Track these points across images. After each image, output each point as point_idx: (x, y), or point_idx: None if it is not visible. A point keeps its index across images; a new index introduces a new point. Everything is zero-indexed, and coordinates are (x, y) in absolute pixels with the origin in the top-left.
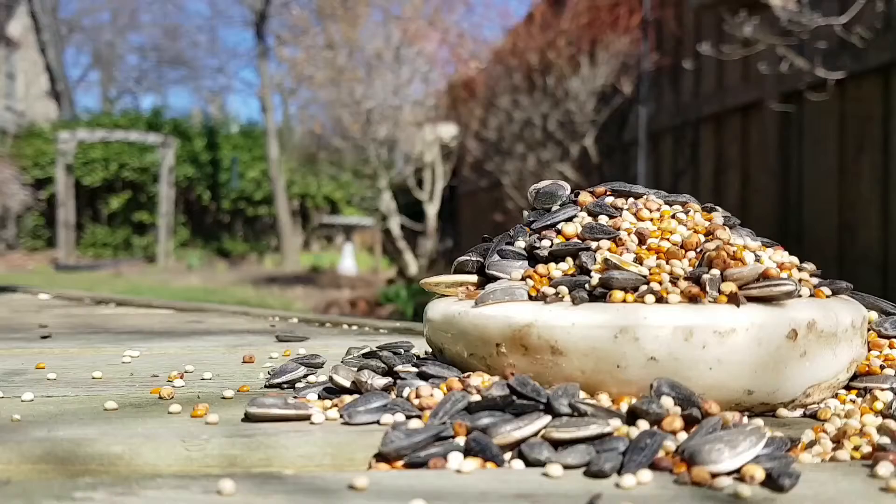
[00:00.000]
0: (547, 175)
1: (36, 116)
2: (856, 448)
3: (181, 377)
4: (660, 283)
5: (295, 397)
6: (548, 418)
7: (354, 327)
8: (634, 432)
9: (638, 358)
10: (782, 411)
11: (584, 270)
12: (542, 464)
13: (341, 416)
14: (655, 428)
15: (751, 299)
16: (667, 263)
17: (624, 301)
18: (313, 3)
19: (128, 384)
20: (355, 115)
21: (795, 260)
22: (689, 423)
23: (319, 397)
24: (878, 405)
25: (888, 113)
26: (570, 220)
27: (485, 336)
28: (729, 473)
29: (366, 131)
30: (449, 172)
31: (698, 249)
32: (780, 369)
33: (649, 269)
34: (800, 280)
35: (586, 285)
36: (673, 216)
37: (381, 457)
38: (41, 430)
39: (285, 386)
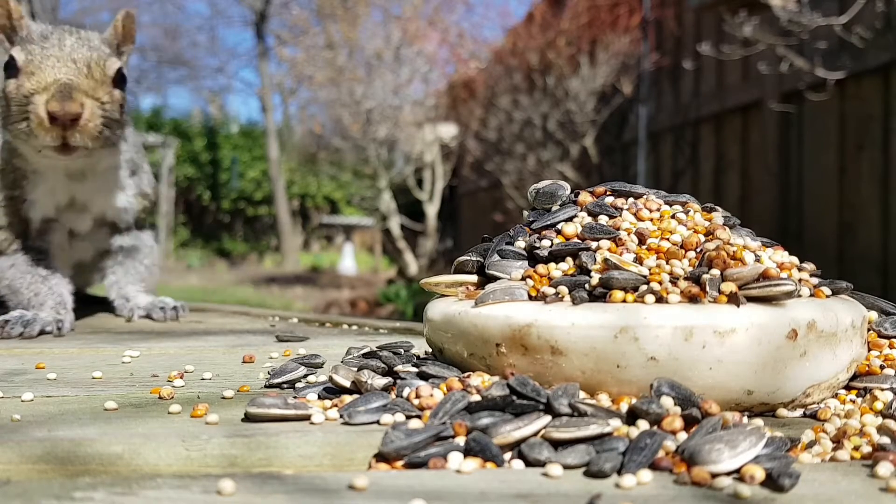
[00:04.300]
0: (547, 175)
1: None
2: (856, 448)
3: (181, 377)
4: (660, 283)
5: (295, 397)
6: (548, 418)
7: (354, 327)
8: (634, 432)
9: (638, 358)
10: (782, 411)
11: (584, 270)
12: (542, 464)
13: (341, 416)
14: (655, 428)
15: (751, 299)
16: (667, 263)
17: (624, 301)
18: (313, 3)
19: (128, 384)
20: (355, 115)
21: (795, 260)
22: (689, 423)
23: (319, 397)
24: (878, 405)
25: (888, 112)
26: (570, 220)
27: (485, 336)
28: (729, 473)
29: (366, 131)
30: (449, 172)
31: (698, 249)
32: (780, 369)
33: (649, 269)
34: (800, 280)
35: (586, 285)
36: (673, 216)
37: (381, 457)
38: (41, 430)
39: (285, 386)
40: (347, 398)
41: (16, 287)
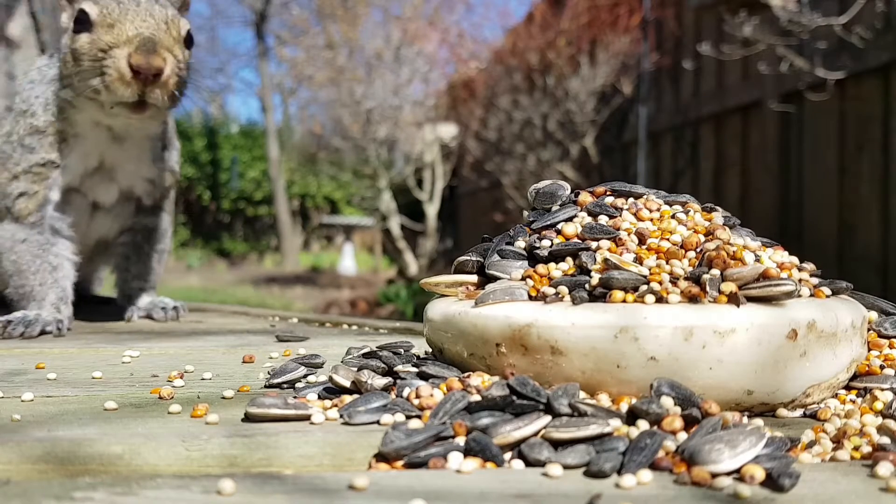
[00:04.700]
0: (547, 175)
1: None
2: (856, 448)
3: (181, 377)
4: (660, 283)
5: (295, 397)
6: (548, 418)
7: (354, 327)
8: (634, 432)
9: (638, 358)
10: (782, 411)
11: (584, 270)
12: (542, 464)
13: (341, 416)
14: (655, 428)
15: (751, 299)
16: (667, 263)
17: (624, 301)
18: (313, 3)
19: (128, 384)
20: (355, 115)
21: (795, 260)
22: (689, 423)
23: (319, 397)
24: (878, 405)
25: (888, 112)
26: (570, 220)
27: (485, 336)
28: (729, 473)
29: (366, 131)
30: (449, 172)
31: (698, 249)
32: (780, 369)
33: (649, 269)
34: (800, 280)
35: (586, 285)
36: (673, 216)
37: (381, 457)
38: (41, 430)
39: (285, 386)
40: (347, 398)
41: (22, 268)
